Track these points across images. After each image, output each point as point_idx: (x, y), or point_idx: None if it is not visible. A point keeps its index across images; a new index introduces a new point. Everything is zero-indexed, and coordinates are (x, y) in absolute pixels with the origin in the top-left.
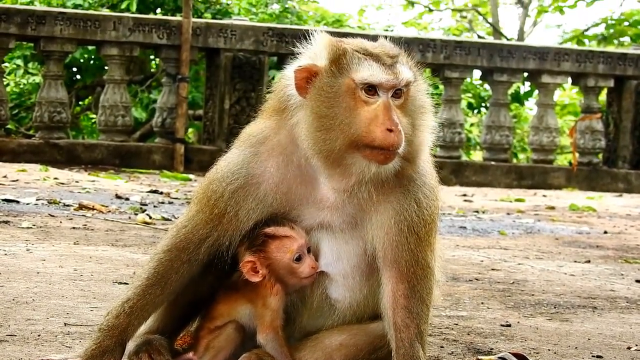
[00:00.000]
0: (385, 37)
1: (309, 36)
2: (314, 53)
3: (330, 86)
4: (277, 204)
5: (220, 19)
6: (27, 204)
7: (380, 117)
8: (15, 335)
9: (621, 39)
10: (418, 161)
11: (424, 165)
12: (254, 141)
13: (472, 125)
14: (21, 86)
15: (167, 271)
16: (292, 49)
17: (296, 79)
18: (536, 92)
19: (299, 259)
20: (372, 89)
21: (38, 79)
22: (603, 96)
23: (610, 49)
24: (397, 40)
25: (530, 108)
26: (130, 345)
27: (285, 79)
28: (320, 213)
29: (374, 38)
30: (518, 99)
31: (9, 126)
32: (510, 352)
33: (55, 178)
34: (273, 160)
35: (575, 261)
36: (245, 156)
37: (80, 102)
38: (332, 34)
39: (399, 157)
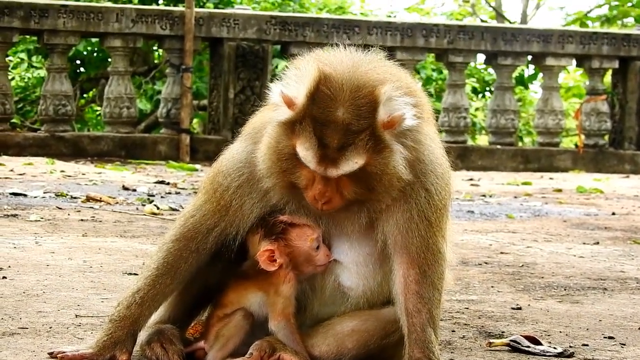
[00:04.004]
0: (389, 23)
1: (313, 25)
2: (297, 85)
3: (282, 141)
4: (279, 199)
5: (223, 8)
6: (35, 197)
7: (314, 186)
8: (27, 328)
9: (625, 20)
10: (393, 190)
11: (433, 152)
12: (258, 137)
13: (477, 109)
14: (25, 80)
15: (177, 260)
16: (295, 37)
17: (281, 98)
18: (540, 75)
19: (316, 248)
20: None
21: (42, 72)
22: (608, 78)
23: (615, 30)
24: (400, 27)
25: (535, 91)
26: (142, 335)
27: (273, 93)
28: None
29: (375, 25)
30: (522, 82)
31: (14, 120)
32: (521, 335)
33: (62, 171)
34: None
35: (584, 243)
36: (247, 153)
37: (85, 95)
38: (335, 21)
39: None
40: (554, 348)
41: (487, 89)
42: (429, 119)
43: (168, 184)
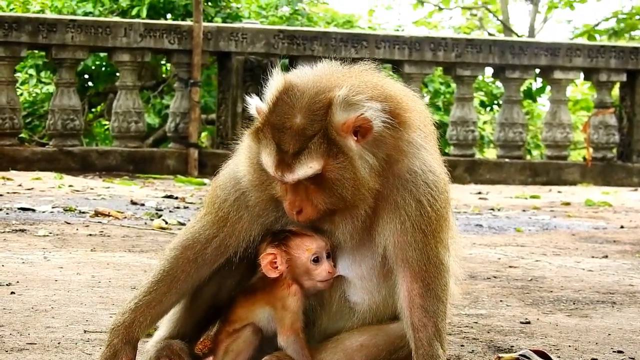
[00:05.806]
0: (397, 36)
1: (320, 38)
2: (267, 95)
3: (253, 150)
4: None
5: (231, 22)
6: (43, 212)
7: (285, 196)
8: (36, 344)
9: (632, 33)
10: (368, 198)
11: (423, 160)
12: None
13: (485, 123)
14: (34, 95)
15: (173, 268)
16: (304, 51)
17: (255, 110)
18: (548, 88)
19: (316, 261)
20: None
21: (51, 88)
22: (616, 91)
23: (622, 43)
24: (408, 40)
25: (543, 104)
26: (151, 350)
27: (250, 106)
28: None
29: (383, 39)
30: (530, 95)
31: (22, 135)
32: (530, 350)
33: (70, 185)
34: None
35: (593, 256)
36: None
37: (93, 109)
38: (343, 35)
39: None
40: None
41: (495, 102)
42: (420, 127)
43: (176, 198)
